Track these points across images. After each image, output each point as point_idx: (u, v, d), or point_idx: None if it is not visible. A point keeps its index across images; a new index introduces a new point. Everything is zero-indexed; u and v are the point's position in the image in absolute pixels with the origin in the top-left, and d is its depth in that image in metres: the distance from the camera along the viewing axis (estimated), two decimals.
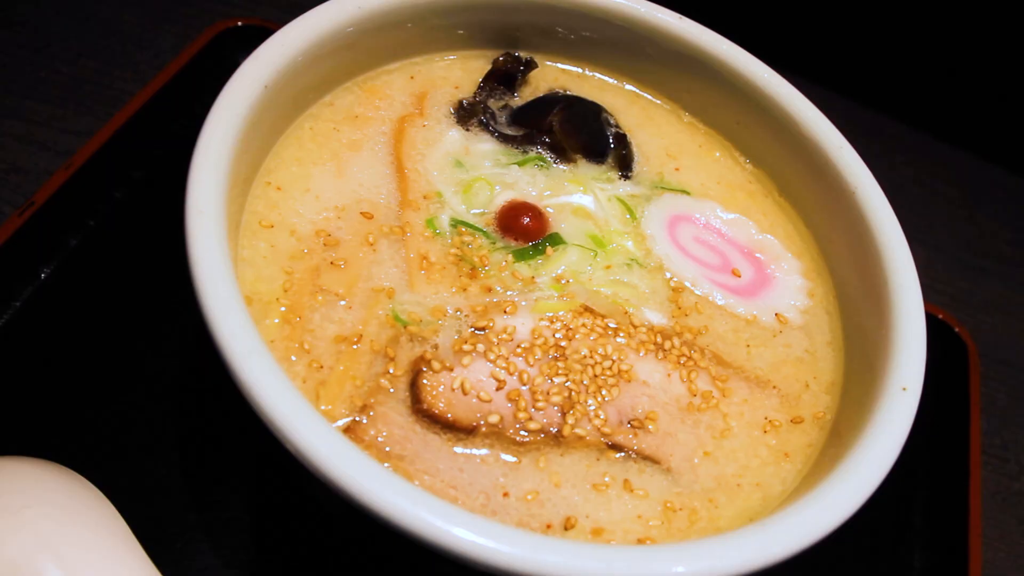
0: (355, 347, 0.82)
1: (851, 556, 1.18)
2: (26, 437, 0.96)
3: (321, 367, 0.80)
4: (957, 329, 1.39)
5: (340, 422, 0.77)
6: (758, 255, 1.05)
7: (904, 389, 0.83)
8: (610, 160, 1.07)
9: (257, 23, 1.41)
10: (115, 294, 1.10)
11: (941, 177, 1.87)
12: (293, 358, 0.80)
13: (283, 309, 0.83)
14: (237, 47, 1.38)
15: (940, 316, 1.42)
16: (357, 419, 0.78)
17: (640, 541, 0.79)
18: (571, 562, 0.62)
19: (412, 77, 1.09)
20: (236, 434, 1.01)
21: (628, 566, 0.63)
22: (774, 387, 0.94)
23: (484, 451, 0.80)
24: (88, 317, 1.07)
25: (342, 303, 0.85)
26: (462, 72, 1.12)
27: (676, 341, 0.92)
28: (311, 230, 0.90)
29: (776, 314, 1.00)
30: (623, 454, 0.83)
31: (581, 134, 1.05)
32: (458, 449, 0.79)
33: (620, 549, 0.66)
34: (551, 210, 0.99)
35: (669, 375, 0.90)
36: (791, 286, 1.03)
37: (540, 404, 0.82)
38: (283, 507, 0.99)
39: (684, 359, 0.91)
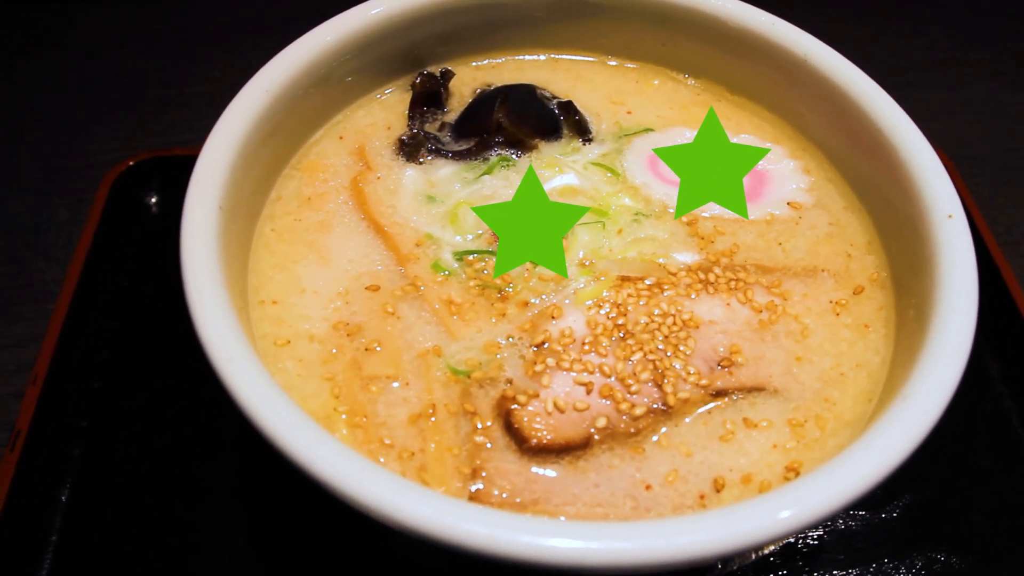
0: (433, 419, 0.78)
1: None
2: None
3: (412, 454, 0.75)
4: None
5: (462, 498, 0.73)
6: None
7: (950, 216, 0.83)
8: (566, 131, 1.04)
9: (146, 156, 1.33)
10: (151, 484, 1.01)
11: (828, 18, 1.90)
12: (382, 459, 0.75)
13: (344, 417, 0.78)
14: (138, 186, 1.30)
15: None
16: (474, 488, 0.73)
17: (789, 468, 0.77)
18: (756, 522, 0.60)
19: (341, 137, 1.04)
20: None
21: (821, 495, 0.61)
22: (822, 270, 0.93)
23: (607, 456, 0.76)
24: (127, 523, 0.98)
25: (396, 384, 0.80)
26: (385, 111, 1.07)
27: (717, 270, 0.90)
28: (327, 328, 0.84)
29: (788, 203, 0.99)
30: (730, 397, 0.81)
31: (530, 118, 1.02)
32: (582, 466, 0.75)
33: (794, 487, 0.63)
34: None
35: (728, 304, 0.88)
36: (786, 172, 1.03)
37: (634, 388, 0.79)
38: None
39: (733, 283, 0.90)
